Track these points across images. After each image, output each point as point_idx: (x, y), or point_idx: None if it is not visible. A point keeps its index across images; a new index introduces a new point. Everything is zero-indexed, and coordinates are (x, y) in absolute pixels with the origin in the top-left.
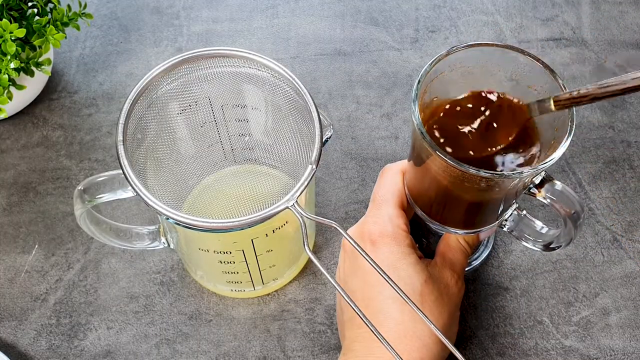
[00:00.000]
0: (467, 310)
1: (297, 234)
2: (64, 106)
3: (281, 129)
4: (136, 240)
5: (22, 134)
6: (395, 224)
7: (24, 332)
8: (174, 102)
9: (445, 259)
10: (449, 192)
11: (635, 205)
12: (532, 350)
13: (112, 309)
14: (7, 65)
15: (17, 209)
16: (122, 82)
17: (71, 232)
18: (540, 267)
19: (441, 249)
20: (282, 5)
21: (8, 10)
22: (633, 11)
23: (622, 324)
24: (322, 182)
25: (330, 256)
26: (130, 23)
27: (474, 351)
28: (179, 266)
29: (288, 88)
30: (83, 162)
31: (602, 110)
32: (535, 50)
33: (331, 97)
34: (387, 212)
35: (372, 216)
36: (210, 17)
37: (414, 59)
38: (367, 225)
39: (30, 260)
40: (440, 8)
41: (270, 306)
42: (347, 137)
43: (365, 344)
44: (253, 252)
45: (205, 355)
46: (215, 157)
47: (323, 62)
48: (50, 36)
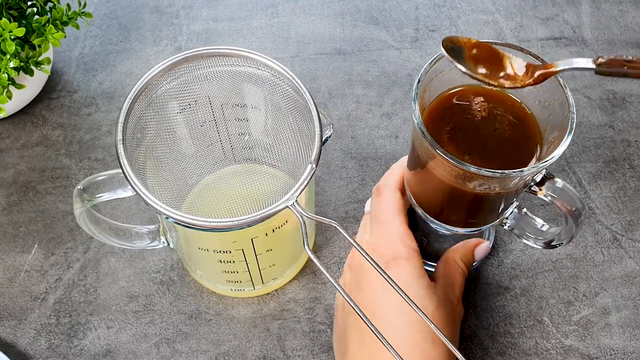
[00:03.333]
0: (468, 310)
1: (297, 233)
2: (63, 105)
3: (281, 128)
4: (136, 240)
5: (21, 133)
6: (408, 245)
7: (23, 331)
8: (173, 101)
9: (447, 283)
10: (449, 191)
11: (635, 205)
12: (532, 349)
13: (111, 309)
14: (7, 65)
15: (16, 208)
16: (122, 82)
17: (71, 232)
18: (540, 267)
19: (441, 271)
20: (282, 5)
21: (7, 9)
22: (633, 10)
23: (622, 324)
24: (322, 181)
25: (330, 255)
26: (130, 22)
27: (474, 351)
28: (178, 265)
29: (288, 87)
30: (83, 161)
31: (602, 110)
32: (535, 50)
33: (331, 97)
34: (397, 232)
35: (381, 236)
36: (210, 16)
37: (414, 58)
38: (378, 247)
39: (29, 260)
40: (440, 7)
41: (270, 305)
42: (347, 136)
43: (370, 351)
44: (253, 252)
45: (205, 355)
46: (215, 156)
47: (323, 61)
48: (49, 35)
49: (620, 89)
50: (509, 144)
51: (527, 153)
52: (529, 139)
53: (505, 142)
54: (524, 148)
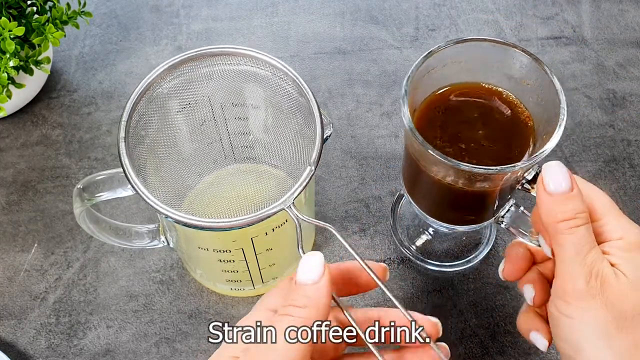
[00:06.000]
0: (468, 309)
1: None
2: (63, 105)
3: (281, 127)
4: (135, 239)
5: (21, 132)
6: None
7: (23, 331)
8: (174, 100)
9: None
10: (443, 189)
11: (635, 204)
12: (532, 348)
13: (111, 308)
14: (6, 64)
15: (16, 207)
16: (122, 81)
17: (70, 231)
18: None
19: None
20: (282, 4)
21: (7, 8)
22: (633, 10)
23: None
24: (322, 180)
25: (330, 255)
26: (130, 21)
27: (475, 350)
28: (178, 265)
29: (288, 86)
30: (82, 160)
31: (602, 109)
32: (535, 49)
33: (331, 96)
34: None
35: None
36: (210, 15)
37: (414, 58)
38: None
39: (29, 259)
40: (440, 6)
41: None
42: (347, 135)
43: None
44: (253, 251)
45: (204, 354)
46: (215, 156)
47: (323, 60)
48: (49, 34)
49: (621, 89)
50: (502, 141)
51: (520, 149)
52: (522, 136)
53: (498, 139)
54: (517, 145)
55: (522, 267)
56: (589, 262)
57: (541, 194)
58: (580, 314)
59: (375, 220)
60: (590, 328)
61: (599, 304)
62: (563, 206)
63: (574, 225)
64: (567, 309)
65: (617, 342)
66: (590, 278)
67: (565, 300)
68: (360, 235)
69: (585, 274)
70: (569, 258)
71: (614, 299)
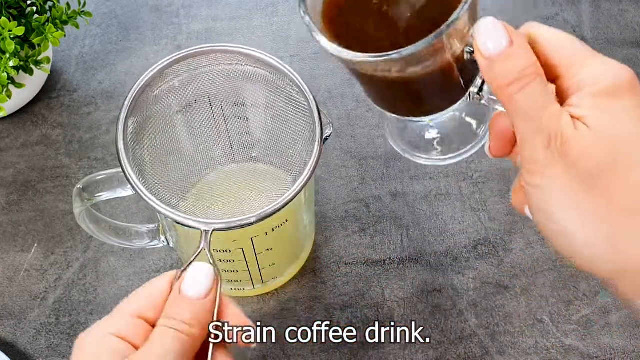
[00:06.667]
0: (467, 309)
1: (296, 232)
2: (63, 105)
3: (281, 127)
4: (135, 239)
5: (21, 132)
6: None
7: (23, 330)
8: (173, 100)
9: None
10: (397, 85)
11: None
12: (532, 348)
13: (111, 308)
14: (6, 64)
15: (16, 207)
16: (122, 81)
17: (70, 231)
18: (540, 266)
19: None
20: (282, 4)
21: (7, 8)
22: (633, 10)
23: (622, 323)
24: (322, 180)
25: (330, 255)
26: (130, 21)
27: (474, 350)
28: (178, 265)
29: (288, 86)
30: (82, 160)
31: None
32: None
33: (331, 96)
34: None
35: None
36: (210, 15)
37: None
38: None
39: (29, 259)
40: None
41: (270, 305)
42: (346, 135)
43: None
44: (253, 251)
45: None
46: (214, 155)
47: (323, 60)
48: (49, 34)
49: None
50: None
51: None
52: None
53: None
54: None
55: (510, 141)
56: (546, 123)
57: (480, 60)
58: (546, 182)
59: (375, 220)
60: (558, 195)
61: (561, 169)
62: (503, 67)
63: (520, 86)
64: (533, 179)
65: (587, 202)
66: (549, 142)
67: (528, 170)
68: (360, 235)
69: (543, 139)
70: (526, 125)
71: (575, 158)
